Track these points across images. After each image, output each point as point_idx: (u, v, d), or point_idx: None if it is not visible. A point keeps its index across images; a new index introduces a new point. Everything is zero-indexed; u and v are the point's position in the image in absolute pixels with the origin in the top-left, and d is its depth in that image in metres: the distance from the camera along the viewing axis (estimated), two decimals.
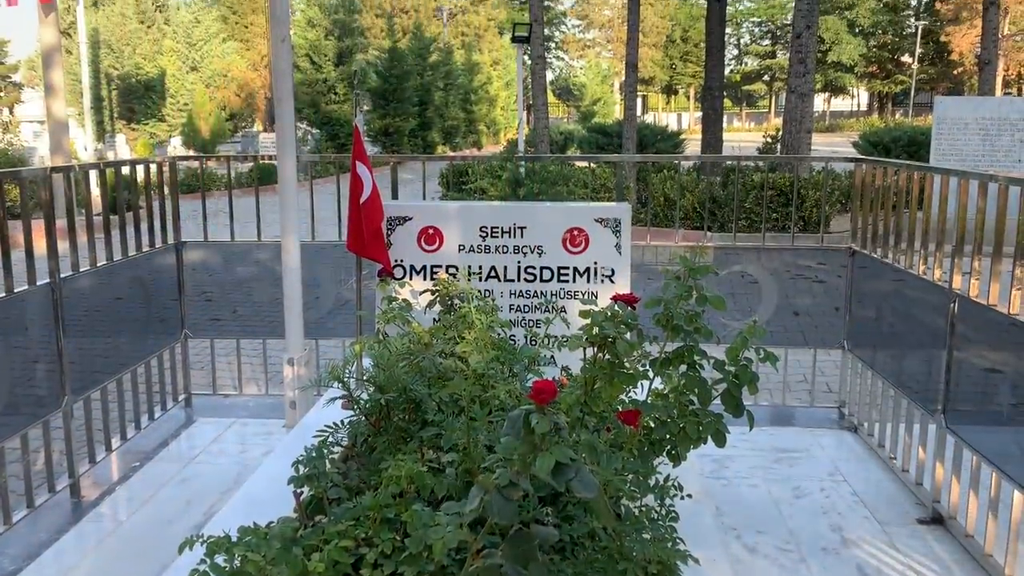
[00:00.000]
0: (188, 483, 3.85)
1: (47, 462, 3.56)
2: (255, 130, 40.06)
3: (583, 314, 1.89)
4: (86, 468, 3.84)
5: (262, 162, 9.59)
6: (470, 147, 41.26)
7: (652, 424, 1.93)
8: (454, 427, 1.96)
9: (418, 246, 3.36)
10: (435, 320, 2.87)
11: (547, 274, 3.31)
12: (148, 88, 36.69)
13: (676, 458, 1.93)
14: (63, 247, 3.56)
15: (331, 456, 2.00)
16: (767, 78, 67.31)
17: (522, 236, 3.31)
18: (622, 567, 1.59)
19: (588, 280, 3.30)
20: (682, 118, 63.65)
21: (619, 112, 43.26)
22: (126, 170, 4.37)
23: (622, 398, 1.97)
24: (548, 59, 35.96)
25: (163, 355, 4.56)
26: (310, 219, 4.79)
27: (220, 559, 1.55)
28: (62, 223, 3.61)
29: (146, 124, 36.41)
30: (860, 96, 68.86)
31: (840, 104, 70.69)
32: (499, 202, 4.87)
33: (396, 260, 3.37)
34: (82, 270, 3.76)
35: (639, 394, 1.99)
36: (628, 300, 1.91)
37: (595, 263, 3.29)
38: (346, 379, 2.17)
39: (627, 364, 1.89)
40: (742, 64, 68.80)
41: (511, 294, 3.32)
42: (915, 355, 3.81)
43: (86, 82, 26.07)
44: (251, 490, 2.40)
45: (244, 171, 17.18)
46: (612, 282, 3.29)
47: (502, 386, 2.07)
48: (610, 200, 11.38)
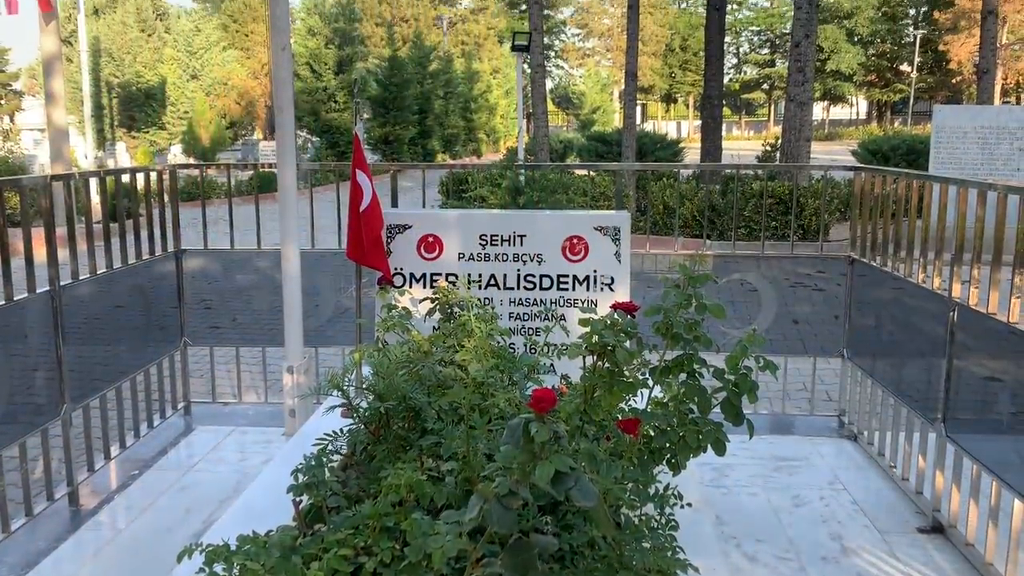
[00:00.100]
0: (187, 491, 3.84)
1: (46, 470, 3.55)
2: (255, 138, 40.21)
3: (583, 322, 1.89)
4: (85, 476, 3.83)
5: (262, 170, 9.59)
6: (470, 155, 41.33)
7: (652, 433, 1.93)
8: (453, 435, 1.96)
9: (418, 254, 3.36)
10: (435, 328, 2.87)
11: (547, 282, 3.32)
12: (148, 96, 36.83)
13: (676, 467, 1.93)
14: (63, 255, 3.56)
15: (330, 464, 2.00)
16: (766, 87, 67.51)
17: (522, 244, 3.32)
18: None
19: (588, 288, 3.30)
20: (681, 126, 63.88)
21: (618, 120, 43.40)
22: (126, 178, 4.38)
23: (622, 407, 1.96)
24: (548, 68, 36.05)
25: (162, 363, 4.56)
26: (310, 227, 4.80)
27: (219, 568, 1.55)
28: (62, 231, 3.61)
29: (146, 132, 36.53)
30: (859, 105, 69.06)
31: (839, 113, 70.86)
32: (499, 210, 4.87)
33: (396, 268, 3.37)
34: (82, 278, 3.76)
35: (639, 403, 1.99)
36: (628, 308, 1.91)
37: (594, 271, 3.30)
38: (345, 387, 2.17)
39: (627, 372, 1.89)
40: (741, 73, 69.03)
41: (511, 302, 3.33)
42: (915, 363, 3.81)
43: (87, 90, 26.19)
44: (250, 498, 2.40)
45: (244, 179, 17.19)
46: (611, 290, 3.29)
47: (502, 394, 2.07)
48: (609, 208, 11.40)
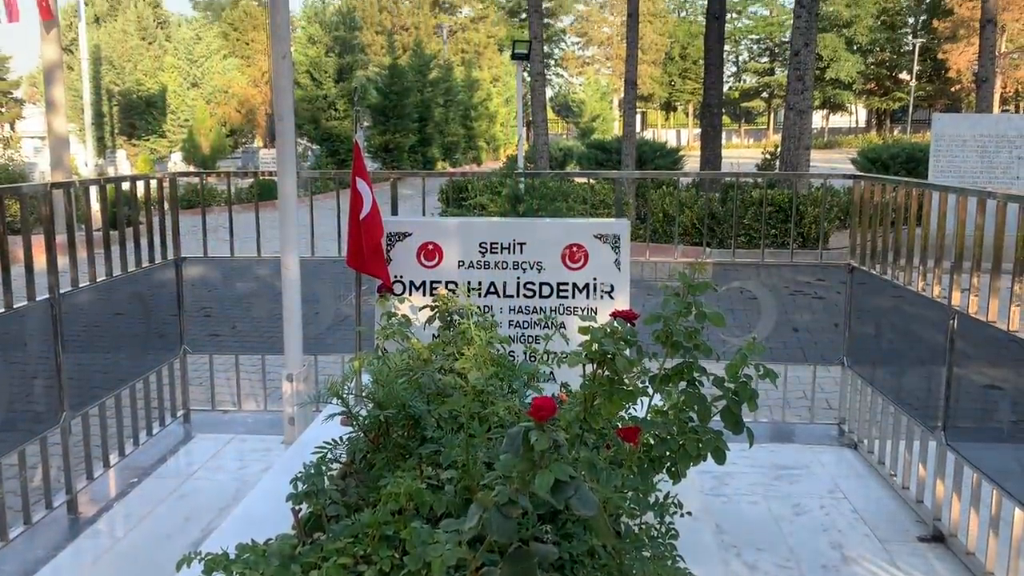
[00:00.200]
0: (186, 499, 3.83)
1: (45, 478, 3.55)
2: (255, 146, 40.29)
3: (582, 330, 1.89)
4: (84, 484, 3.82)
5: (262, 178, 9.60)
6: (470, 163, 41.41)
7: (652, 441, 1.93)
8: (453, 444, 1.96)
9: (418, 262, 3.37)
10: (434, 336, 2.87)
11: (546, 290, 3.32)
12: (149, 104, 36.90)
13: (676, 475, 1.93)
14: (63, 263, 3.56)
15: (330, 473, 2.00)
16: (766, 95, 67.69)
17: (521, 252, 3.32)
18: None
19: (587, 296, 3.30)
20: (681, 134, 64.02)
21: (618, 128, 43.44)
22: (126, 186, 4.38)
23: (621, 415, 1.96)
24: (547, 76, 36.12)
25: (162, 371, 4.56)
26: (310, 235, 4.80)
27: None
28: (62, 239, 3.61)
29: (147, 140, 36.60)
30: (858, 113, 69.25)
31: (838, 121, 71.05)
32: (498, 218, 4.88)
33: (396, 276, 3.37)
34: (82, 286, 3.76)
35: (638, 411, 1.98)
36: (627, 316, 1.91)
37: (594, 279, 3.30)
38: (345, 395, 2.16)
39: (626, 381, 1.89)
40: (741, 81, 69.21)
41: (510, 310, 3.33)
42: (915, 372, 3.80)
43: (87, 98, 26.25)
44: (249, 507, 2.39)
45: (244, 187, 17.21)
46: (611, 298, 3.29)
47: (501, 403, 2.06)
48: (609, 216, 11.40)
